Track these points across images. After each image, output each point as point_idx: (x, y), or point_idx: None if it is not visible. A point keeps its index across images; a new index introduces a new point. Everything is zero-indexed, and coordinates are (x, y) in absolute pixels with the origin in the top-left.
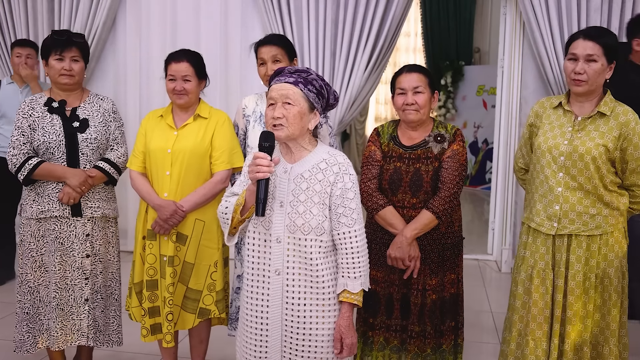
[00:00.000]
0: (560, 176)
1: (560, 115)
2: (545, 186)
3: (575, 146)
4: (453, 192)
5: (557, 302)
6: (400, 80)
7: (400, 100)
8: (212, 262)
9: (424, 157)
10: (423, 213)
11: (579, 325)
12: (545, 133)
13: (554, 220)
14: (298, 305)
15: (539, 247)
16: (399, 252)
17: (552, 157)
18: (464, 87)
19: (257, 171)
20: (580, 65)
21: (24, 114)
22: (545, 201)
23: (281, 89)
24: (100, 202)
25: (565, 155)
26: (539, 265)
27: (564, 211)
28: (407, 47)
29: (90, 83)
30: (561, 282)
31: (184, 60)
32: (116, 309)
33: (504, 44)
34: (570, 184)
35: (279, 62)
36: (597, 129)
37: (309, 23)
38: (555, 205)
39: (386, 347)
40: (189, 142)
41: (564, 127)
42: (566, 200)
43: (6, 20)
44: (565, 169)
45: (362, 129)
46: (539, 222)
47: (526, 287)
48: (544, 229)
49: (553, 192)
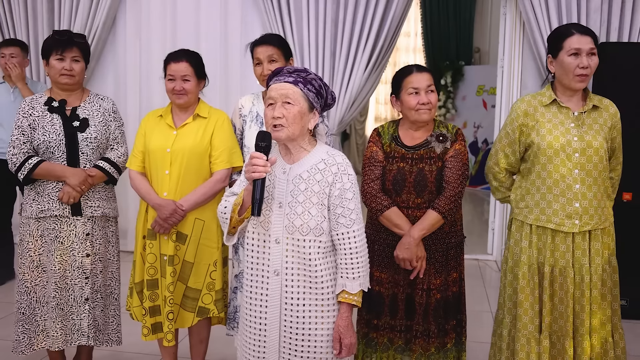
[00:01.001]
0: (576, 173)
1: (556, 112)
2: (561, 185)
3: (589, 141)
4: (458, 192)
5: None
6: (412, 80)
7: (414, 100)
8: (211, 261)
9: (427, 157)
10: (429, 213)
11: (603, 317)
12: (550, 132)
13: (575, 218)
14: (297, 305)
15: (559, 246)
16: (407, 253)
17: (566, 155)
18: (464, 87)
19: (253, 171)
20: (585, 60)
21: (24, 113)
22: (562, 200)
23: (281, 88)
24: (101, 201)
25: (579, 152)
26: (559, 264)
27: (583, 207)
28: (407, 47)
29: (90, 83)
30: (587, 277)
31: (183, 60)
32: (115, 309)
33: (504, 44)
34: (586, 180)
35: (275, 62)
36: (595, 122)
37: (309, 23)
38: (575, 203)
39: (390, 348)
40: (188, 142)
41: (564, 124)
42: (584, 197)
43: (6, 20)
44: (580, 165)
45: (362, 129)
46: (559, 222)
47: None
48: (566, 228)
49: (571, 190)
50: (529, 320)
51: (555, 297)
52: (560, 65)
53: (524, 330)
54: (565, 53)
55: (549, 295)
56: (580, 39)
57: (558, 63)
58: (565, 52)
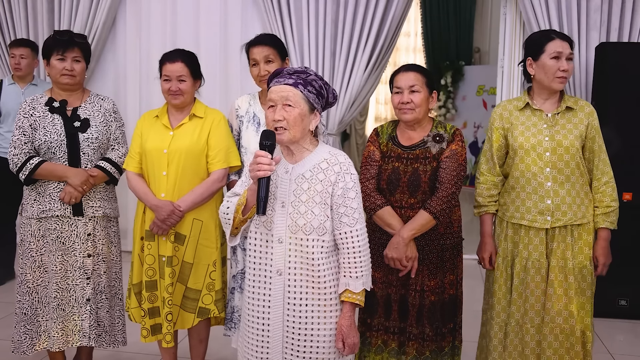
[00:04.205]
0: (547, 171)
1: (530, 115)
2: (533, 183)
3: (559, 141)
4: (451, 193)
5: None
6: (397, 79)
7: (397, 99)
8: (210, 261)
9: (423, 157)
10: (420, 213)
11: (581, 311)
12: (522, 133)
13: (547, 214)
14: (299, 305)
15: (532, 239)
16: (395, 252)
17: (537, 155)
18: (464, 87)
19: (258, 169)
20: (565, 63)
21: (24, 113)
22: (535, 197)
23: (281, 90)
24: (102, 201)
25: (550, 151)
26: (533, 256)
27: (555, 204)
28: (407, 47)
29: (90, 83)
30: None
31: (179, 61)
32: (120, 309)
33: (504, 44)
34: (558, 178)
35: (271, 63)
36: (569, 122)
37: (309, 23)
38: (547, 200)
39: (384, 350)
40: (185, 142)
41: (537, 125)
42: (556, 194)
43: (6, 20)
44: (551, 163)
45: (362, 129)
46: (531, 219)
47: (521, 277)
48: (538, 224)
49: (543, 188)
50: (502, 309)
51: (527, 289)
52: (542, 68)
53: (497, 319)
54: (548, 56)
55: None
56: (561, 43)
57: (539, 66)
58: (548, 55)
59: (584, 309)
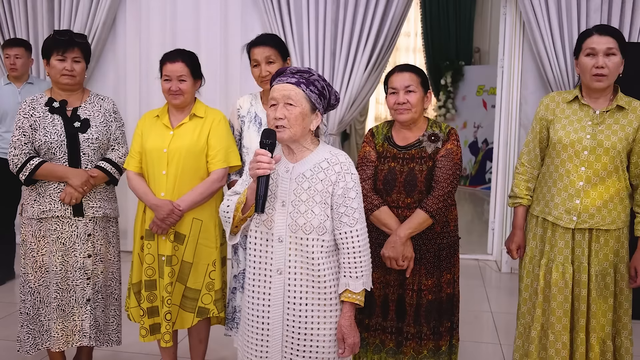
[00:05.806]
0: (582, 170)
1: (577, 109)
2: (565, 180)
3: (600, 140)
4: (447, 192)
5: (582, 297)
6: (392, 80)
7: (392, 100)
8: (210, 261)
9: (418, 157)
10: (417, 213)
11: (602, 319)
12: (564, 127)
13: (573, 214)
14: (299, 305)
15: (557, 241)
16: (392, 251)
17: (574, 152)
18: (464, 87)
19: (258, 167)
20: (601, 60)
21: (24, 113)
22: (564, 195)
23: (283, 89)
24: (102, 202)
25: (589, 150)
26: (557, 259)
27: (584, 205)
28: (407, 47)
29: (90, 83)
30: (584, 276)
31: (179, 61)
32: (116, 309)
33: (504, 44)
34: (592, 179)
35: (272, 63)
36: (617, 122)
37: (309, 23)
38: (575, 199)
39: (382, 350)
40: (185, 142)
41: (582, 121)
42: (587, 195)
43: (6, 20)
44: (588, 163)
45: (362, 129)
46: (557, 216)
47: (547, 280)
48: (563, 222)
49: (574, 186)
50: (527, 310)
51: (548, 290)
52: (581, 67)
53: (522, 320)
54: (583, 53)
55: (541, 288)
56: (598, 39)
57: (579, 64)
58: (583, 53)
59: (605, 317)
